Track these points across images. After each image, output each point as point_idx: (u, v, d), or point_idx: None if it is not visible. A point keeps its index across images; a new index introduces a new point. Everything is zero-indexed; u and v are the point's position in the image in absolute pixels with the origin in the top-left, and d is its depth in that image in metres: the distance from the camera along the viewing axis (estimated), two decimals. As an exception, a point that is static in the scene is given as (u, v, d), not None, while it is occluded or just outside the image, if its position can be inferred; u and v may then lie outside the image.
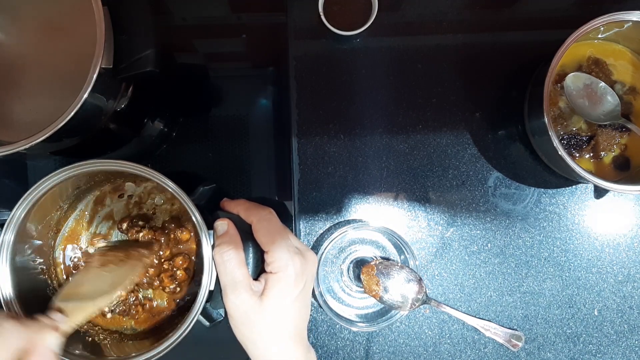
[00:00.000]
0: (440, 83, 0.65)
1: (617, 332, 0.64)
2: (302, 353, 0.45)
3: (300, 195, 0.63)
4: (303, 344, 0.45)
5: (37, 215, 0.48)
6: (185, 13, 0.66)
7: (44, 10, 0.50)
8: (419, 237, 0.64)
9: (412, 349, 0.63)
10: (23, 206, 0.45)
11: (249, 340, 0.44)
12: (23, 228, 0.46)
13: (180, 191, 0.45)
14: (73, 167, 0.45)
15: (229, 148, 0.64)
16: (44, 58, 0.50)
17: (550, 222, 0.64)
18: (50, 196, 0.47)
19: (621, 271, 0.64)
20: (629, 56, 0.62)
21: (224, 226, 0.45)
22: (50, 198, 0.48)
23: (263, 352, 0.44)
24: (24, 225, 0.46)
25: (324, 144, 0.64)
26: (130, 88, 0.54)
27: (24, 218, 0.46)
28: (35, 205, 0.46)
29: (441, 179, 0.64)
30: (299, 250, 0.45)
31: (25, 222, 0.46)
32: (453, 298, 0.63)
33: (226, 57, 0.68)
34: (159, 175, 0.45)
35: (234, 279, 0.42)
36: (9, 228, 0.45)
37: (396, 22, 0.66)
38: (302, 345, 0.45)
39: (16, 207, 0.45)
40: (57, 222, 0.52)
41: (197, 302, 0.44)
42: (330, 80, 0.65)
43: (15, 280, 0.46)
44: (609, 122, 0.58)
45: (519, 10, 0.67)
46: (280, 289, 0.43)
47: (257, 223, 0.45)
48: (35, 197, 0.45)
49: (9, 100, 0.50)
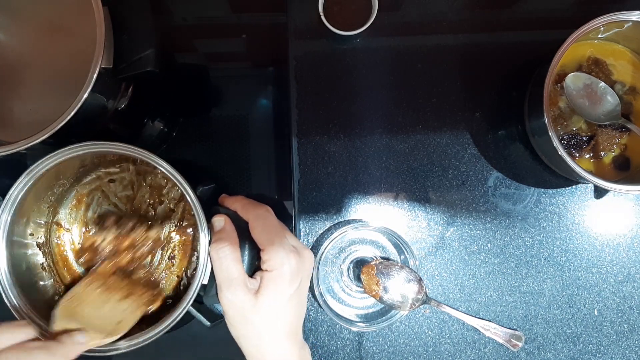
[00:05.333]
0: (440, 83, 0.65)
1: (617, 332, 0.64)
2: (296, 350, 0.45)
3: (300, 195, 0.63)
4: (297, 341, 0.46)
5: (35, 194, 0.49)
6: (185, 13, 0.66)
7: (44, 10, 0.50)
8: (419, 237, 0.64)
9: (412, 349, 0.63)
10: (21, 186, 0.46)
11: (243, 337, 0.44)
12: (20, 207, 0.47)
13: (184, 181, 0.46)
14: (79, 146, 0.46)
15: (229, 148, 0.64)
16: (44, 58, 0.50)
17: (550, 222, 0.64)
18: (53, 174, 0.48)
19: (621, 271, 0.64)
20: (629, 56, 0.62)
21: (221, 222, 0.45)
22: (52, 175, 0.48)
23: (257, 349, 0.44)
24: (22, 204, 0.47)
25: (324, 144, 0.64)
26: (130, 88, 0.54)
27: (22, 197, 0.46)
28: (34, 185, 0.46)
29: (441, 179, 0.64)
30: (295, 249, 0.45)
31: (23, 201, 0.47)
32: (453, 298, 0.63)
33: (226, 57, 0.68)
34: (163, 162, 0.46)
35: (229, 275, 0.43)
36: (6, 207, 0.46)
37: (396, 22, 0.66)
38: (296, 343, 0.45)
39: (14, 186, 0.46)
40: (55, 201, 0.53)
41: (190, 292, 0.44)
42: (330, 80, 0.65)
43: (10, 257, 0.46)
44: (609, 122, 0.58)
45: (519, 10, 0.67)
46: (276, 286, 0.43)
47: (254, 220, 0.46)
48: (34, 177, 0.46)
49: (9, 100, 0.50)
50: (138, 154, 0.46)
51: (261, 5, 0.66)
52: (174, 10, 0.66)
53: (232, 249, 0.43)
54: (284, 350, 0.44)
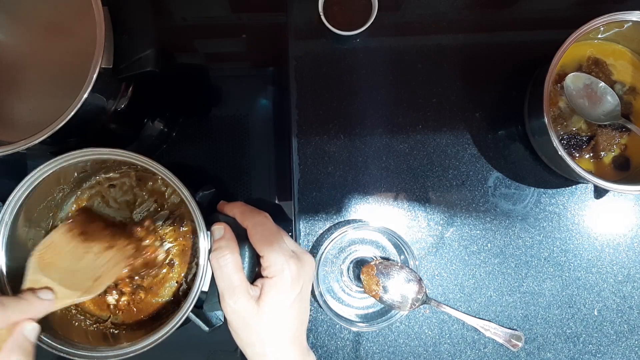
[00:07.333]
0: (440, 83, 0.65)
1: (617, 332, 0.64)
2: (302, 356, 0.45)
3: (300, 195, 0.63)
4: (302, 348, 0.45)
5: (35, 199, 0.48)
6: (186, 13, 0.66)
7: (44, 10, 0.50)
8: (419, 237, 0.64)
9: (412, 349, 0.63)
10: (21, 192, 0.45)
11: (247, 345, 0.44)
12: (20, 213, 0.47)
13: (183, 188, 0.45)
14: (78, 153, 0.46)
15: (229, 148, 0.64)
16: (44, 58, 0.50)
17: (550, 222, 0.64)
18: (53, 179, 0.48)
19: (621, 271, 0.64)
20: (629, 56, 0.62)
21: (221, 231, 0.45)
22: (52, 181, 0.48)
23: (261, 357, 0.44)
24: (22, 210, 0.47)
25: (324, 144, 0.64)
26: (130, 88, 0.54)
27: (22, 203, 0.46)
28: (33, 191, 0.46)
29: (441, 179, 0.64)
30: (295, 254, 0.45)
31: (23, 207, 0.47)
32: (453, 298, 0.63)
33: (226, 57, 0.68)
34: (163, 169, 0.45)
35: (231, 283, 0.42)
36: (6, 213, 0.45)
37: (396, 22, 0.66)
38: (301, 349, 0.45)
39: (14, 192, 0.45)
40: (55, 206, 0.53)
41: (190, 297, 0.44)
42: (330, 81, 0.65)
43: (10, 264, 0.46)
44: (609, 122, 0.58)
45: (519, 10, 0.67)
46: (277, 292, 0.43)
47: (252, 228, 0.45)
48: (34, 183, 0.46)
49: (9, 100, 0.50)
50: (138, 161, 0.45)
51: (261, 5, 0.66)
52: (174, 10, 0.66)
53: (232, 257, 0.43)
54: (289, 356, 0.44)
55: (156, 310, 0.53)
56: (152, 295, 0.53)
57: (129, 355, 0.45)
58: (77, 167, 0.50)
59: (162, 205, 0.55)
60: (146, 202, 0.55)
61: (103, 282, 0.45)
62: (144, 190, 0.55)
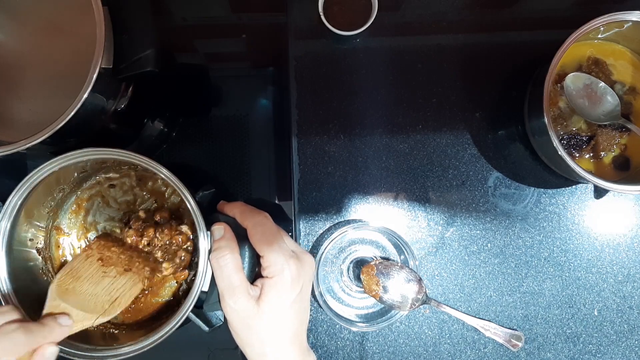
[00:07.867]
0: (440, 83, 0.65)
1: (617, 332, 0.64)
2: (301, 356, 0.45)
3: (300, 195, 0.63)
4: (302, 347, 0.46)
5: (35, 200, 0.49)
6: (186, 13, 0.66)
7: (44, 10, 0.50)
8: (418, 237, 0.64)
9: (412, 349, 0.63)
10: (21, 192, 0.46)
11: (247, 345, 0.44)
12: (20, 213, 0.47)
13: (183, 188, 0.46)
14: (78, 153, 0.46)
15: (229, 148, 0.64)
16: (44, 58, 0.50)
17: (550, 222, 0.64)
18: (53, 179, 0.48)
19: (621, 271, 0.64)
20: (629, 56, 0.62)
21: (221, 231, 0.45)
22: (52, 181, 0.48)
23: (262, 357, 0.44)
24: (21, 210, 0.47)
25: (324, 144, 0.64)
26: (130, 88, 0.54)
27: (21, 203, 0.46)
28: (33, 191, 0.46)
29: (441, 179, 0.64)
30: (295, 254, 0.45)
31: (23, 207, 0.47)
32: (453, 298, 0.63)
33: (226, 57, 0.68)
34: (163, 169, 0.46)
35: (231, 283, 0.42)
36: (6, 213, 0.46)
37: (396, 22, 0.66)
38: (301, 349, 0.45)
39: (14, 192, 0.45)
40: (55, 206, 0.53)
41: (190, 297, 0.44)
42: (330, 80, 0.65)
43: (10, 264, 0.46)
44: (609, 122, 0.58)
45: (519, 10, 0.67)
46: (277, 292, 0.43)
47: (252, 228, 0.45)
48: (34, 183, 0.46)
49: (9, 100, 0.50)
50: (139, 161, 0.45)
51: (261, 5, 0.66)
52: (174, 10, 0.66)
53: (232, 257, 0.43)
54: (289, 356, 0.44)
55: (156, 310, 0.53)
56: (152, 295, 0.53)
57: (129, 355, 0.45)
58: (77, 167, 0.50)
59: (162, 205, 0.55)
60: (146, 202, 0.55)
61: (120, 304, 0.46)
62: (144, 190, 0.55)
